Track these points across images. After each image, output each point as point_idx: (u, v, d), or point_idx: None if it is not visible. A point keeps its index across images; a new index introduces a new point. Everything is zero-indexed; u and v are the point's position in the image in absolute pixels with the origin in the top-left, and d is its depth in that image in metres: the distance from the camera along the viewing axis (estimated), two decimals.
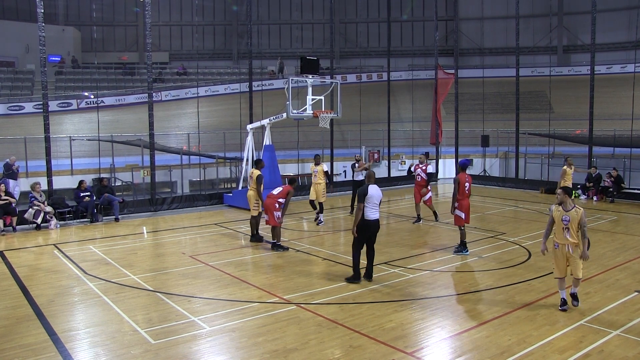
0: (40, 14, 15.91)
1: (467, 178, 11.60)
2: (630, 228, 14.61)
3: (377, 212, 9.43)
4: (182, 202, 18.80)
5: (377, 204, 9.44)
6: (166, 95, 38.33)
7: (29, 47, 39.61)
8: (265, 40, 46.96)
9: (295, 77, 17.04)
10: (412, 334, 7.17)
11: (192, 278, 9.88)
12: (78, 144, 22.75)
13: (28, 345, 6.83)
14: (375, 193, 9.41)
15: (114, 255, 11.78)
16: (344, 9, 47.76)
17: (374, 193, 9.38)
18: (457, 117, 27.03)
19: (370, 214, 9.34)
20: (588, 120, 21.07)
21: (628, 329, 7.21)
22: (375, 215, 9.41)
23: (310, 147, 26.95)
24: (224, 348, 6.82)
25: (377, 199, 9.41)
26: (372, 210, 9.35)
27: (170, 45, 46.72)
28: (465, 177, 11.57)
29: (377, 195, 9.43)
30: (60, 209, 15.84)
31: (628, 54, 36.29)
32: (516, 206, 18.65)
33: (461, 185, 11.44)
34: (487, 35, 43.85)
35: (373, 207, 9.36)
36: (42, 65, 16.31)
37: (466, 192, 11.50)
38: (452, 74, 27.21)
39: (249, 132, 18.61)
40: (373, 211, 9.36)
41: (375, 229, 9.50)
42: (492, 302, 8.43)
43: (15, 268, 10.72)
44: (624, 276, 9.76)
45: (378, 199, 9.42)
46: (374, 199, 9.34)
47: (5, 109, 34.08)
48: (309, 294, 8.86)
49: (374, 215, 9.38)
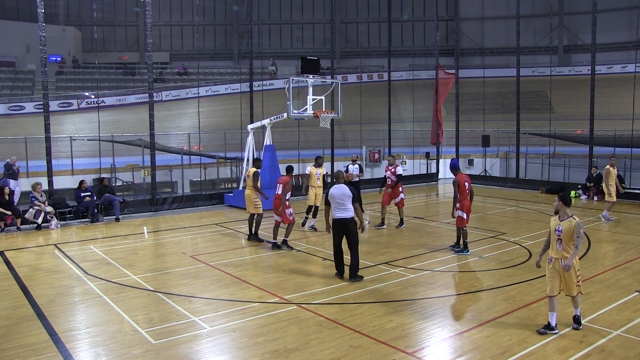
0: (41, 14, 15.91)
1: (465, 178, 11.59)
2: (631, 228, 14.60)
3: (341, 211, 9.40)
4: (182, 202, 18.80)
5: (342, 203, 9.38)
6: (167, 95, 38.34)
7: (29, 47, 39.62)
8: (265, 40, 46.96)
9: (296, 77, 17.05)
10: (412, 334, 7.16)
11: (193, 278, 9.89)
12: (79, 144, 22.76)
13: (29, 345, 6.84)
14: (337, 192, 9.43)
15: (114, 255, 11.79)
16: (345, 9, 47.75)
17: (335, 192, 9.44)
18: (458, 117, 27.04)
19: (336, 213, 9.46)
20: (589, 120, 21.06)
21: (628, 329, 7.20)
22: (340, 214, 9.41)
23: (311, 147, 26.95)
24: (225, 348, 6.83)
25: (340, 198, 9.37)
26: (336, 210, 9.45)
27: (170, 45, 46.72)
28: (463, 177, 11.57)
29: (339, 195, 9.40)
30: (61, 209, 15.85)
31: (629, 54, 36.25)
32: (517, 206, 18.64)
33: (461, 186, 11.42)
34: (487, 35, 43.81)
35: (336, 207, 9.44)
36: (42, 65, 16.33)
37: (466, 192, 11.49)
38: (452, 74, 27.22)
39: (249, 132, 18.62)
40: (337, 211, 9.44)
41: (341, 228, 9.48)
42: (493, 302, 8.43)
43: (15, 268, 10.72)
44: (624, 276, 9.76)
45: (341, 198, 9.38)
46: (335, 198, 9.41)
47: (6, 109, 34.10)
48: (309, 294, 8.86)
49: (338, 214, 9.42)
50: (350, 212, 9.42)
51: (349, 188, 9.48)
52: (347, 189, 9.45)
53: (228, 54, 48.05)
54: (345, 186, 9.51)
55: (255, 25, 37.62)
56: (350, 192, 9.42)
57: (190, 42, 46.84)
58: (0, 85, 37.30)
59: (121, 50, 45.95)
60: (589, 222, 15.32)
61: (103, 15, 45.04)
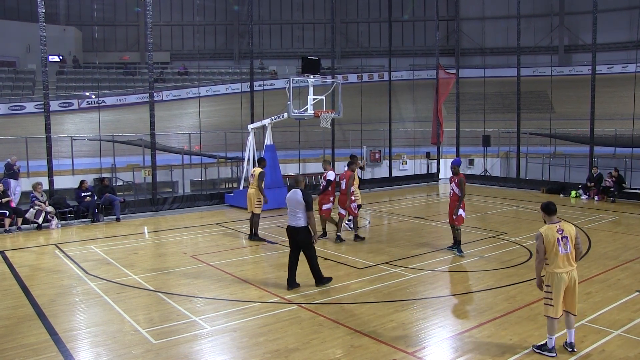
0: (42, 13, 15.91)
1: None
2: (631, 228, 14.59)
3: (293, 219, 8.90)
4: (183, 202, 18.80)
5: (294, 210, 8.85)
6: (167, 95, 38.38)
7: (30, 47, 39.66)
8: (266, 40, 47.02)
9: (297, 77, 17.05)
10: (413, 333, 7.16)
11: (193, 278, 9.89)
12: (79, 143, 22.76)
13: (29, 345, 6.84)
14: (291, 198, 8.93)
15: (115, 255, 11.79)
16: (345, 9, 47.78)
17: (290, 198, 8.97)
18: (458, 117, 27.03)
19: (289, 220, 9.01)
20: (589, 120, 21.05)
21: (629, 328, 7.20)
22: (291, 221, 8.93)
23: (312, 147, 26.98)
24: (225, 348, 6.82)
25: (293, 205, 8.86)
26: (289, 216, 8.99)
27: (171, 45, 46.78)
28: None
29: (293, 201, 8.89)
30: (62, 209, 15.85)
31: (629, 54, 36.28)
32: (517, 206, 18.63)
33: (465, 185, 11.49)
34: (488, 35, 43.89)
35: (289, 213, 8.97)
36: (43, 65, 16.33)
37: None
38: (453, 73, 27.21)
39: (250, 132, 18.62)
40: (290, 217, 8.98)
41: (293, 236, 9.00)
42: (494, 302, 8.43)
43: (16, 268, 10.73)
44: (625, 276, 9.75)
45: (294, 204, 8.85)
46: (290, 203, 8.95)
47: (7, 108, 34.14)
48: (310, 293, 8.86)
49: (290, 221, 8.96)
50: (300, 221, 8.85)
51: (304, 195, 8.83)
52: (301, 195, 8.83)
53: (228, 54, 48.09)
54: (300, 192, 8.89)
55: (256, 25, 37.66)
56: (304, 200, 8.77)
57: (191, 42, 46.89)
58: (1, 85, 37.34)
59: (122, 50, 46.02)
60: (589, 222, 15.32)
61: (103, 15, 45.12)
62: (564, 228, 6.35)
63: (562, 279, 6.27)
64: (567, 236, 6.32)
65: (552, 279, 6.32)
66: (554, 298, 6.30)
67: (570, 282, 6.33)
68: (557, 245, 6.26)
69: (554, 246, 6.27)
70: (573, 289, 6.37)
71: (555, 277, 6.30)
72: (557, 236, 6.28)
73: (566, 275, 6.29)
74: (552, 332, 6.38)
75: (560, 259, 6.28)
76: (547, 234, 6.30)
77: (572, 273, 6.34)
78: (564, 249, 6.29)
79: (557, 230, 6.30)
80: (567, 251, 6.31)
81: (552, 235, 6.28)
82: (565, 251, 6.30)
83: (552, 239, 6.27)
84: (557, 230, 6.30)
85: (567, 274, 6.30)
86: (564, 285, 6.29)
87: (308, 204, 8.78)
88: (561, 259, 6.28)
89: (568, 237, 6.32)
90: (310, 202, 8.82)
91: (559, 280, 6.28)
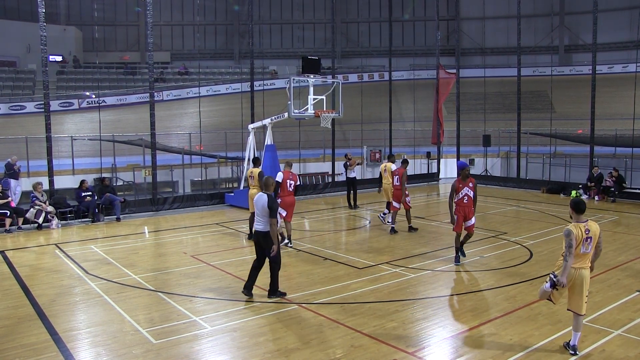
0: (42, 13, 15.92)
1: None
2: (632, 228, 14.59)
3: (259, 223, 8.50)
4: (183, 202, 18.81)
5: (260, 214, 8.46)
6: (168, 95, 38.37)
7: (30, 47, 39.66)
8: (266, 40, 47.01)
9: (297, 77, 17.06)
10: (413, 333, 7.16)
11: (194, 278, 9.89)
12: (79, 143, 22.76)
13: (29, 345, 6.84)
14: (258, 201, 8.49)
15: (115, 255, 11.79)
16: (345, 9, 47.77)
17: (257, 201, 8.52)
18: (459, 117, 27.02)
19: (256, 224, 8.61)
20: (589, 119, 21.05)
21: (629, 328, 7.20)
22: (258, 225, 8.54)
23: (312, 147, 26.98)
24: (226, 348, 6.83)
25: (260, 209, 8.46)
26: (257, 220, 8.55)
27: (171, 45, 46.78)
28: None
29: (259, 205, 8.46)
30: (62, 209, 15.86)
31: (629, 54, 36.25)
32: (517, 206, 18.63)
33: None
34: (488, 35, 43.83)
35: (258, 217, 8.54)
36: (43, 65, 16.34)
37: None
38: (453, 73, 27.20)
39: (250, 131, 18.62)
40: (258, 221, 8.54)
41: (261, 241, 8.58)
42: (494, 301, 8.43)
43: (16, 268, 10.73)
44: (625, 276, 9.75)
45: (260, 209, 8.45)
46: (256, 206, 8.53)
47: (7, 108, 34.13)
48: (310, 293, 8.86)
49: (259, 226, 8.52)
50: (267, 226, 8.46)
51: (269, 201, 8.36)
52: (266, 200, 8.37)
53: (229, 54, 48.09)
54: (265, 197, 8.42)
55: (256, 25, 37.66)
56: (269, 207, 8.34)
57: (191, 42, 46.89)
58: (1, 85, 37.34)
59: (122, 50, 46.02)
60: None
61: (104, 15, 45.08)
62: (591, 228, 6.38)
63: (570, 273, 6.33)
64: (591, 237, 6.35)
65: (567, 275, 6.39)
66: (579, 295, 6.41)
67: (578, 279, 6.37)
68: (581, 244, 6.32)
69: (579, 245, 6.32)
70: (580, 287, 6.38)
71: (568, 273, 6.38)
72: (583, 235, 6.32)
73: (574, 271, 6.34)
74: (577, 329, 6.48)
75: (577, 256, 6.34)
76: (577, 233, 6.32)
77: (581, 271, 6.38)
78: (585, 249, 6.36)
79: (585, 230, 6.34)
80: (587, 251, 6.37)
81: (580, 234, 6.31)
82: (585, 251, 6.36)
83: (579, 237, 6.31)
84: (585, 230, 6.34)
85: (576, 270, 6.35)
86: (570, 278, 6.35)
87: (272, 211, 8.35)
88: (578, 256, 6.34)
89: (592, 238, 6.36)
90: (275, 208, 8.42)
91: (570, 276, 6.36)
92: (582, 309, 6.40)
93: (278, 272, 8.67)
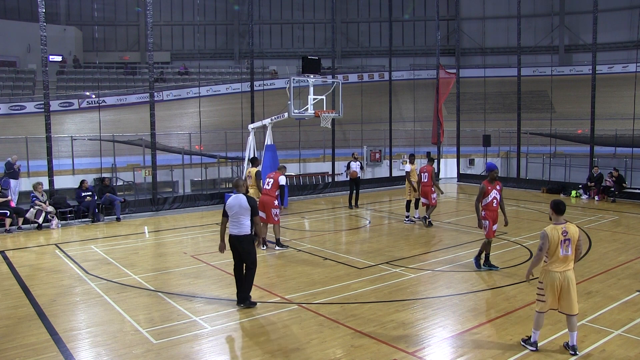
0: (42, 13, 15.92)
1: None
2: (632, 228, 14.59)
3: (236, 226, 8.18)
4: (183, 202, 18.81)
5: (238, 217, 8.15)
6: (168, 94, 38.35)
7: (30, 47, 39.66)
8: (266, 39, 47.00)
9: (297, 77, 17.06)
10: (413, 333, 7.16)
11: (194, 278, 9.89)
12: (79, 143, 22.77)
13: (29, 345, 6.84)
14: (234, 204, 8.16)
15: (115, 255, 11.79)
16: (346, 9, 47.76)
17: (232, 204, 8.18)
18: (459, 117, 27.02)
19: (231, 228, 8.25)
20: (590, 119, 21.05)
21: (629, 328, 7.20)
22: (234, 230, 8.20)
23: (312, 147, 26.99)
24: (226, 348, 6.83)
25: (237, 211, 8.14)
26: (232, 224, 8.22)
27: (171, 44, 46.76)
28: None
29: (236, 206, 8.14)
30: (62, 209, 15.86)
31: (629, 54, 36.23)
32: (517, 206, 18.62)
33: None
34: (488, 35, 43.82)
35: (232, 221, 8.22)
36: (43, 65, 16.34)
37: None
38: (453, 73, 27.20)
39: (250, 131, 18.62)
40: (232, 225, 8.23)
41: (238, 246, 8.24)
42: (494, 301, 8.43)
43: (16, 268, 10.73)
44: (625, 276, 9.75)
45: (238, 210, 8.13)
46: (233, 209, 8.17)
47: (7, 108, 34.11)
48: (310, 293, 8.86)
49: (233, 229, 8.21)
50: (245, 228, 8.17)
51: (249, 200, 8.19)
52: (245, 200, 8.15)
53: (229, 54, 48.08)
54: (243, 197, 8.20)
55: (256, 24, 37.63)
56: (249, 205, 8.13)
57: (191, 42, 46.88)
58: (1, 84, 37.32)
59: (122, 50, 46.00)
60: (589, 221, 15.32)
61: (104, 14, 45.10)
62: (569, 230, 6.39)
63: (555, 277, 6.36)
64: (570, 239, 6.36)
65: (546, 276, 6.45)
66: (546, 294, 6.44)
67: (564, 282, 6.38)
68: (559, 247, 6.33)
69: (557, 247, 6.34)
70: (567, 289, 6.39)
71: (549, 275, 6.42)
72: (561, 238, 6.34)
73: (560, 275, 6.36)
74: (537, 327, 6.56)
75: (559, 259, 6.36)
76: (552, 234, 6.34)
77: (566, 273, 6.39)
78: (565, 251, 6.35)
79: (562, 232, 6.36)
80: (567, 253, 6.37)
81: (556, 236, 6.33)
82: (565, 253, 6.36)
83: (556, 239, 6.33)
84: (562, 232, 6.36)
85: (561, 273, 6.37)
86: (557, 283, 6.37)
87: (254, 209, 8.18)
88: (560, 260, 6.36)
89: (571, 240, 6.36)
90: (256, 206, 8.28)
91: (552, 279, 6.39)
92: (574, 309, 6.41)
93: (253, 277, 8.35)
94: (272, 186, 12.10)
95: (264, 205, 11.97)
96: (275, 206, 12.01)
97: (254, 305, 8.22)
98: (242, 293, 8.27)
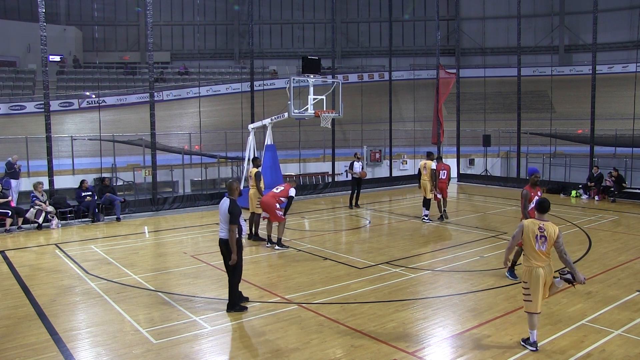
0: (42, 13, 15.91)
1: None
2: (632, 228, 14.58)
3: (221, 230, 7.99)
4: (183, 202, 18.80)
5: (222, 220, 7.93)
6: (168, 94, 38.36)
7: (30, 47, 39.67)
8: (266, 40, 47.01)
9: (297, 77, 17.06)
10: (413, 333, 7.16)
11: (194, 278, 9.89)
12: (79, 143, 22.77)
13: (29, 345, 6.84)
14: (221, 207, 7.98)
15: (115, 255, 11.79)
16: (346, 9, 47.79)
17: (220, 206, 8.02)
18: (459, 117, 27.00)
19: (220, 231, 8.07)
20: (590, 119, 21.04)
21: (629, 328, 7.20)
22: (221, 233, 7.99)
23: (312, 147, 26.99)
24: (226, 348, 6.83)
25: (221, 215, 7.91)
26: (220, 226, 8.04)
27: (171, 45, 46.77)
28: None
29: (221, 210, 7.92)
30: (62, 209, 15.85)
31: (629, 54, 36.24)
32: (517, 206, 18.58)
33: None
34: (488, 35, 43.82)
35: (220, 223, 8.01)
36: (43, 65, 16.33)
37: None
38: (453, 73, 27.17)
39: (250, 131, 18.63)
40: (220, 228, 8.02)
41: (222, 249, 8.03)
42: (494, 301, 8.43)
43: (16, 268, 10.73)
44: (625, 276, 9.75)
45: (222, 214, 7.90)
46: (219, 212, 7.99)
47: (7, 108, 34.12)
48: (310, 293, 8.86)
49: (220, 232, 8.01)
50: (226, 233, 7.92)
51: (231, 206, 7.84)
52: (227, 205, 7.86)
53: (229, 54, 48.09)
54: (227, 202, 7.92)
55: (256, 24, 37.67)
56: (229, 212, 7.78)
57: (191, 42, 46.89)
58: (1, 84, 37.33)
59: (122, 50, 46.01)
60: (589, 221, 15.32)
61: (104, 14, 45.12)
62: (547, 228, 6.47)
63: (539, 273, 6.46)
64: (545, 236, 6.45)
65: (530, 274, 6.52)
66: (532, 294, 6.49)
67: (548, 277, 6.51)
68: (533, 240, 6.47)
69: (532, 241, 6.48)
70: (536, 286, 6.49)
71: (532, 273, 6.49)
72: (536, 232, 6.47)
73: (543, 270, 6.47)
74: (532, 327, 6.59)
75: (537, 253, 6.47)
76: (528, 227, 6.52)
77: (538, 269, 6.50)
78: (540, 246, 6.48)
79: (539, 228, 6.48)
80: (542, 249, 6.49)
81: (532, 230, 6.49)
82: (540, 248, 6.49)
83: (531, 233, 6.49)
84: (539, 228, 6.48)
85: (544, 268, 6.48)
86: (542, 280, 6.45)
87: (233, 216, 7.77)
88: (538, 254, 6.47)
89: (546, 238, 6.45)
90: (236, 214, 7.80)
91: (536, 276, 6.46)
92: (537, 307, 6.48)
93: (237, 284, 8.12)
94: (280, 192, 12.09)
95: (267, 206, 12.02)
96: (278, 208, 12.03)
97: (244, 311, 8.02)
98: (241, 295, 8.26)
